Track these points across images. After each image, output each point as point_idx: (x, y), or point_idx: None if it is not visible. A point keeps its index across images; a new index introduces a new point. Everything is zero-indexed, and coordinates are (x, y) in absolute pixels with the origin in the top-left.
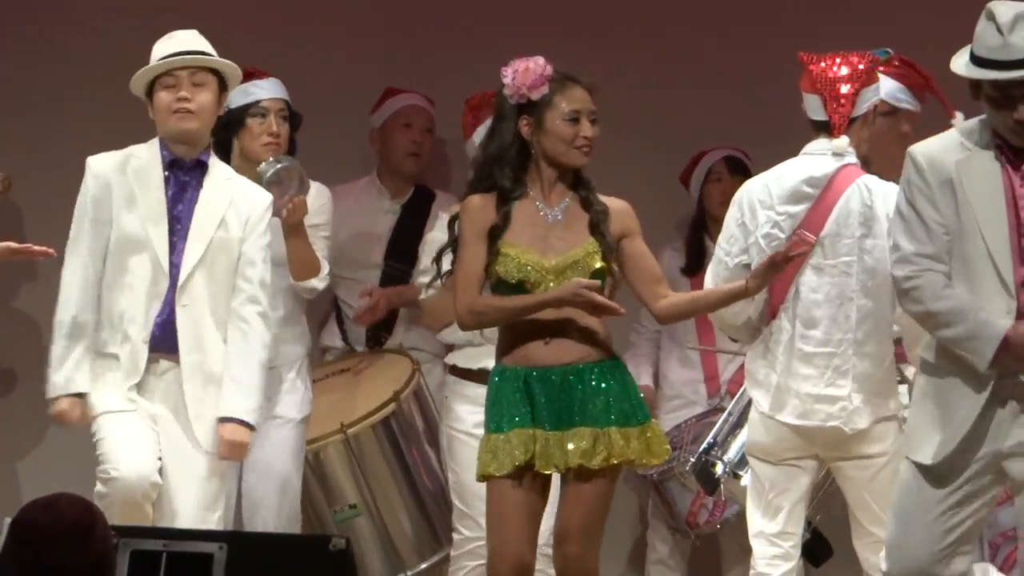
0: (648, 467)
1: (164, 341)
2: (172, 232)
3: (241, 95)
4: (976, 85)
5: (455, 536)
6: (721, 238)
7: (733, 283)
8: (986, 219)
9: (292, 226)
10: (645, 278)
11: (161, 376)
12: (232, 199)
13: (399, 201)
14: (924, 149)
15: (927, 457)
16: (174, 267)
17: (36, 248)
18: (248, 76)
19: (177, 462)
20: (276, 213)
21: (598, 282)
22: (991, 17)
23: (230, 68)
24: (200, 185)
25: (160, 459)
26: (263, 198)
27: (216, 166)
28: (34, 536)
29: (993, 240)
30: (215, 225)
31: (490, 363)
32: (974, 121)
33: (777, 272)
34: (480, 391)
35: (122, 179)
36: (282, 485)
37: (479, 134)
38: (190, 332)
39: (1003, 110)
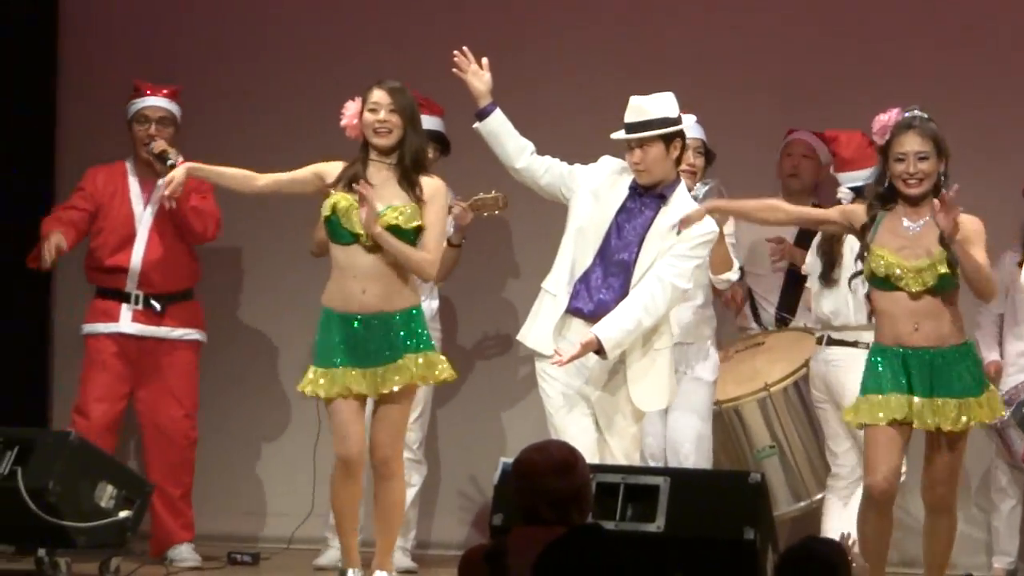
0: (988, 423)
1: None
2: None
3: None
4: None
5: None
6: None
7: None
8: None
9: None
10: None
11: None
12: (668, 218)
13: None
14: None
15: None
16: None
17: None
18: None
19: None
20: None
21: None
22: None
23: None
24: (655, 208)
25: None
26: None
27: (675, 196)
28: (531, 471)
29: None
30: (660, 238)
31: (866, 338)
32: None
33: None
34: None
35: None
36: (698, 430)
37: None
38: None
39: None
